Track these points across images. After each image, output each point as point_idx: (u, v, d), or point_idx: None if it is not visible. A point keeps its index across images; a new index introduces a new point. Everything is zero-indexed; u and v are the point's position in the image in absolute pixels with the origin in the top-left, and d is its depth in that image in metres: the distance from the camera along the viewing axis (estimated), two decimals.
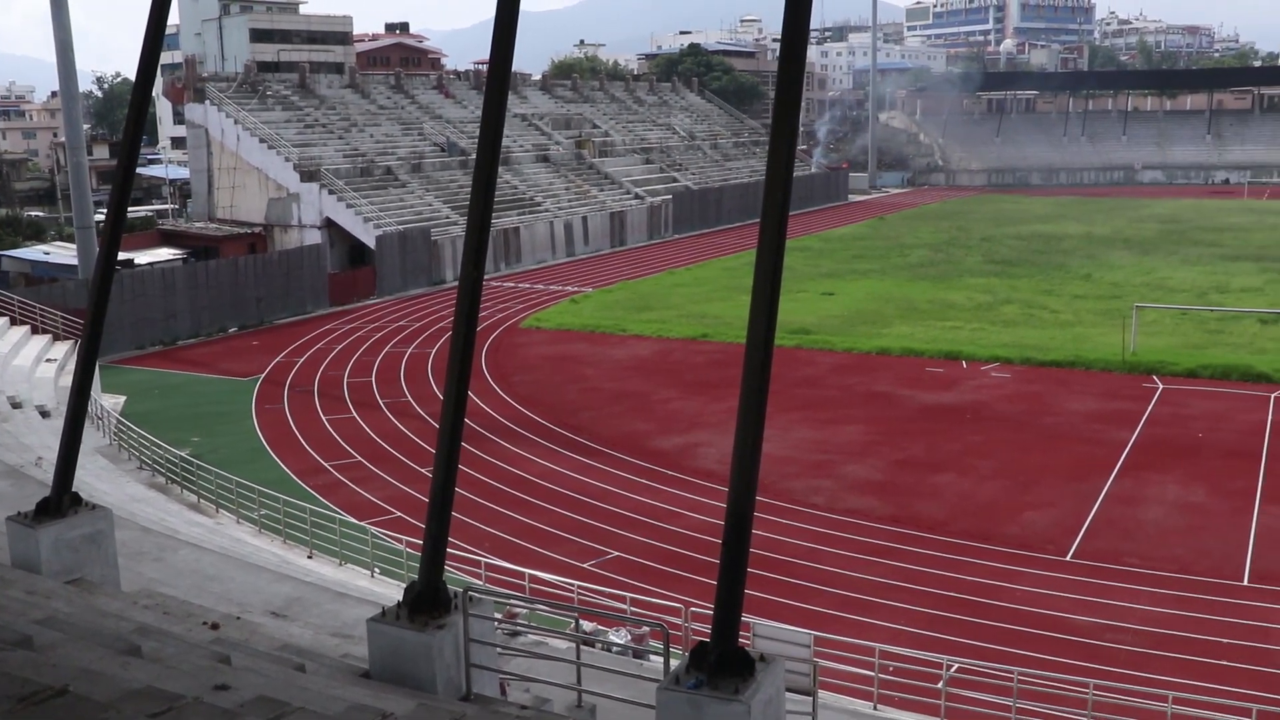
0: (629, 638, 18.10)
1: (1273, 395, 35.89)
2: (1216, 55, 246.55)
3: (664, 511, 26.39)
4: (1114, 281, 57.27)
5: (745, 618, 9.85)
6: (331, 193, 63.24)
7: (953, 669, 17.37)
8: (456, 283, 11.24)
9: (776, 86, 8.19)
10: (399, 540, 22.23)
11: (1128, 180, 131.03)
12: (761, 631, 14.03)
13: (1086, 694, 15.53)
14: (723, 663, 8.18)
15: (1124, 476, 28.48)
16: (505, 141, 79.27)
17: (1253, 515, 25.65)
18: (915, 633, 19.93)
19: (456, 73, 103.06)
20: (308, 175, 64.04)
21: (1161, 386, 37.23)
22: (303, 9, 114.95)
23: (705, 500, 26.75)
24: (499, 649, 10.77)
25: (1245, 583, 22.17)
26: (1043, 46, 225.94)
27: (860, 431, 32.82)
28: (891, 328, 46.53)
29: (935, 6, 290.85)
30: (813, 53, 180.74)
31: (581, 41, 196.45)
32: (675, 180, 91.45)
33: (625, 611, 19.38)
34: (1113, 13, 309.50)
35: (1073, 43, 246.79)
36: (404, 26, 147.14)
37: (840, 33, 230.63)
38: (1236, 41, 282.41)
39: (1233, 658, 19.12)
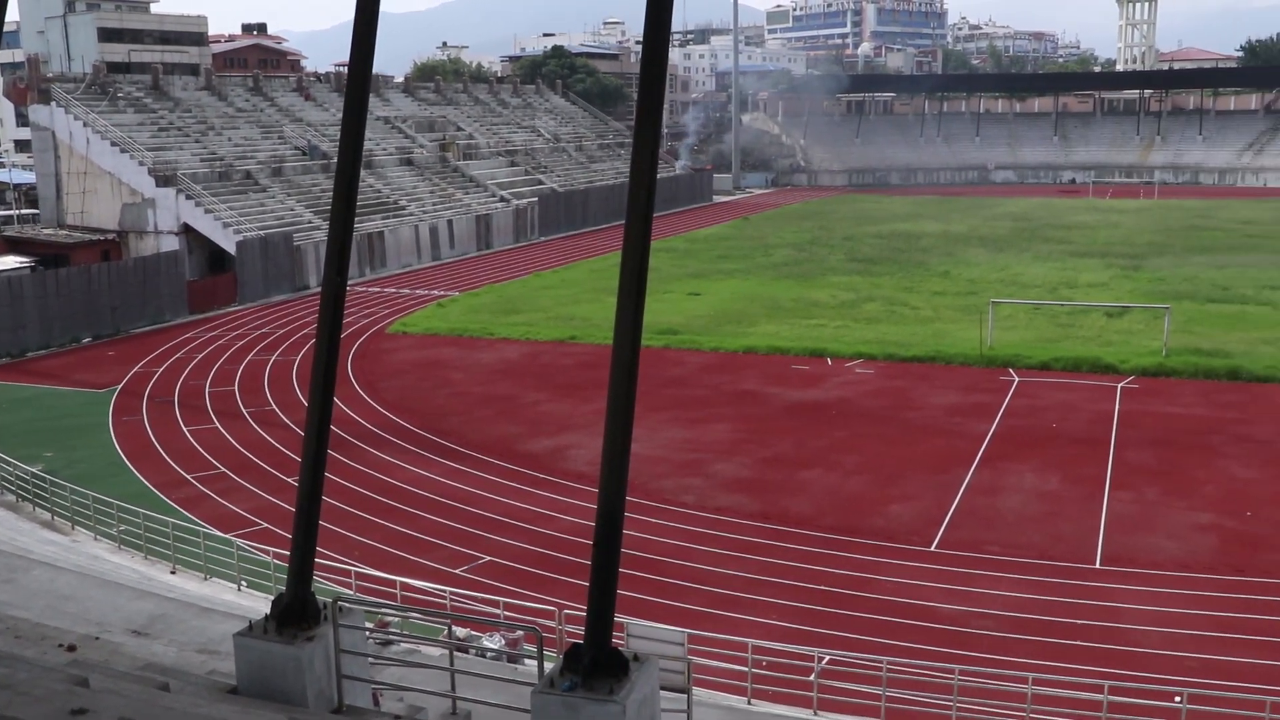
0: (503, 642, 18.00)
1: (1119, 385, 37.32)
2: (1060, 60, 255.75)
3: (535, 514, 26.32)
4: (971, 278, 58.94)
5: (619, 618, 9.88)
6: (189, 198, 61.52)
7: (824, 661, 17.68)
8: (320, 288, 11.05)
9: (639, 88, 8.24)
10: (266, 552, 21.76)
11: (981, 180, 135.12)
12: (635, 631, 14.09)
13: (952, 679, 15.96)
14: (597, 664, 8.19)
15: (984, 467, 29.33)
16: (368, 144, 78.20)
17: (1103, 501, 26.65)
18: (787, 626, 20.23)
19: (317, 75, 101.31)
20: (163, 180, 62.19)
21: (1017, 379, 38.44)
22: (154, 8, 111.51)
23: (576, 502, 26.75)
24: (371, 659, 10.62)
25: (1097, 565, 23.03)
26: (899, 50, 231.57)
27: (729, 430, 33.18)
28: (757, 326, 47.15)
29: (795, 10, 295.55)
30: (675, 55, 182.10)
31: (444, 44, 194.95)
32: (541, 183, 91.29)
33: (498, 616, 19.26)
34: (964, 18, 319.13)
35: (927, 46, 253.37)
36: (262, 27, 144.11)
37: (702, 35, 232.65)
38: (1078, 47, 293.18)
39: (1087, 637, 19.84)
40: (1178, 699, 15.46)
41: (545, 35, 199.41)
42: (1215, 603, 21.23)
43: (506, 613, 19.41)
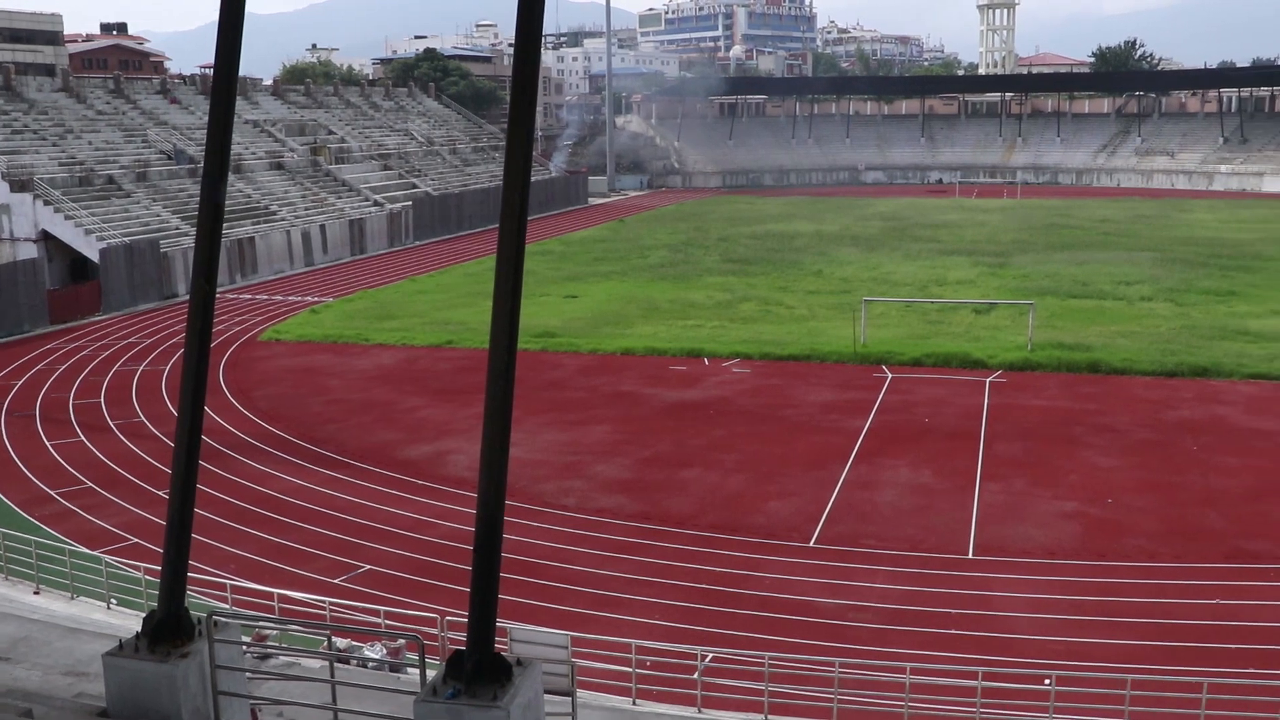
0: (384, 652, 17.80)
1: (988, 380, 38.38)
2: (926, 64, 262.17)
3: (415, 521, 26.06)
4: (844, 277, 60.00)
5: (501, 623, 9.85)
6: (47, 204, 59.41)
7: (707, 658, 17.84)
8: (189, 296, 10.82)
9: (511, 91, 8.24)
10: (136, 568, 21.14)
11: (852, 180, 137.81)
12: (518, 636, 14.05)
13: (833, 672, 16.23)
14: (480, 670, 8.17)
15: (859, 463, 29.89)
16: (236, 149, 76.59)
17: (974, 493, 27.37)
18: (670, 625, 20.36)
19: (182, 77, 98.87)
20: (18, 185, 59.93)
21: (890, 375, 39.26)
22: (3, 4, 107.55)
23: (457, 508, 26.55)
24: (248, 674, 10.42)
25: (970, 555, 23.65)
26: (769, 53, 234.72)
27: (608, 431, 33.26)
28: (635, 328, 47.35)
29: (667, 13, 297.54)
30: (548, 57, 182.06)
31: (314, 46, 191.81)
32: (415, 186, 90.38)
33: (380, 625, 19.04)
34: (833, 22, 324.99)
35: (797, 50, 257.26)
36: (122, 27, 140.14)
37: (575, 38, 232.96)
38: (942, 52, 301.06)
39: (961, 626, 20.37)
40: (1047, 681, 15.95)
41: (417, 38, 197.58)
42: (1080, 587, 21.96)
43: (388, 622, 19.19)
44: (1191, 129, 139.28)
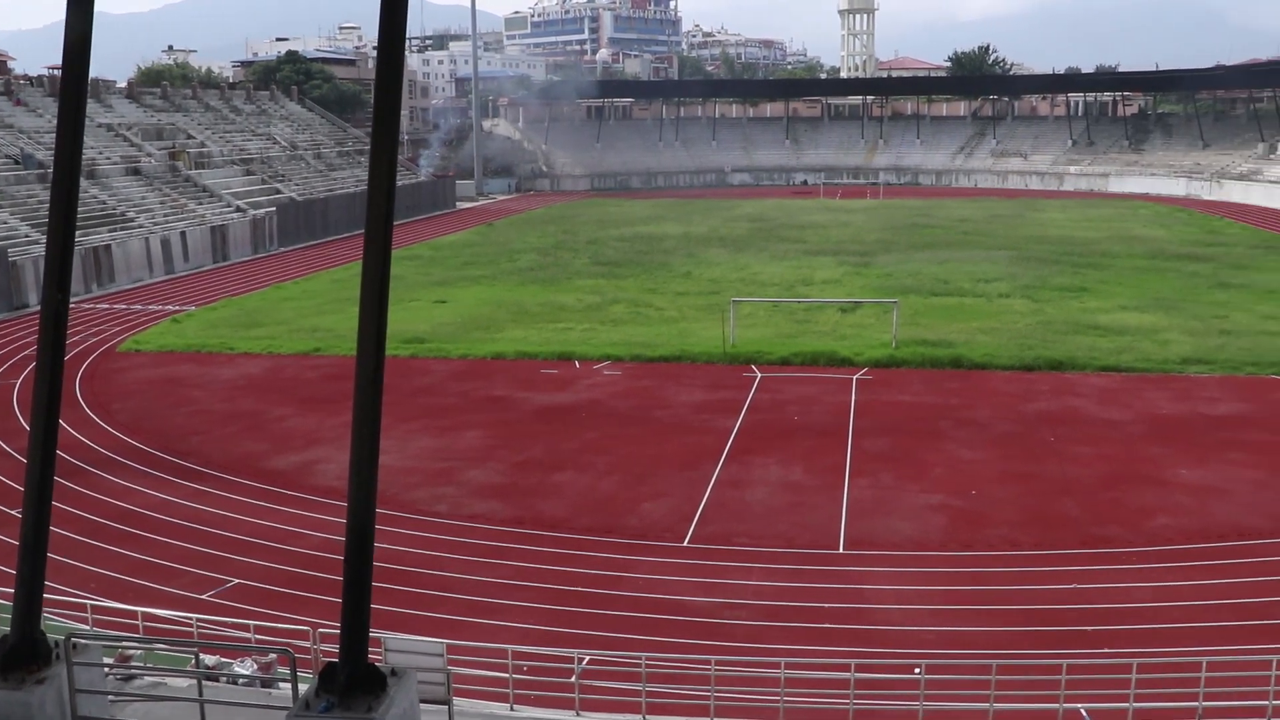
0: (255, 667, 17.39)
1: (854, 377, 39.14)
2: (789, 67, 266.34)
3: (285, 533, 25.53)
4: (712, 278, 60.58)
5: (375, 633, 9.72)
6: None
7: (584, 661, 17.86)
8: (40, 306, 10.42)
9: (375, 94, 8.13)
10: None
11: (719, 182, 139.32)
12: (392, 645, 13.89)
13: (709, 670, 16.36)
14: (353, 682, 8.05)
15: (731, 462, 30.20)
16: (90, 153, 74.12)
17: (843, 489, 27.88)
18: (546, 630, 20.30)
19: (28, 78, 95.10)
20: None
21: (760, 375, 39.77)
22: None
23: (327, 518, 26.09)
24: (111, 696, 10.09)
25: (840, 550, 24.08)
26: (635, 56, 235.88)
27: (480, 436, 33.04)
28: (505, 332, 47.13)
29: (533, 16, 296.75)
30: (414, 61, 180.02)
31: (170, 47, 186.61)
32: (279, 192, 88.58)
33: (249, 640, 18.60)
34: (697, 25, 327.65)
35: (663, 53, 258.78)
36: None
37: (441, 41, 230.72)
38: (805, 55, 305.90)
39: (834, 620, 20.73)
40: (917, 670, 16.32)
41: (278, 40, 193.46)
42: (947, 578, 22.54)
43: (258, 636, 18.75)
44: (1043, 132, 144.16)
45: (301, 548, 24.56)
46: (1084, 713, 16.34)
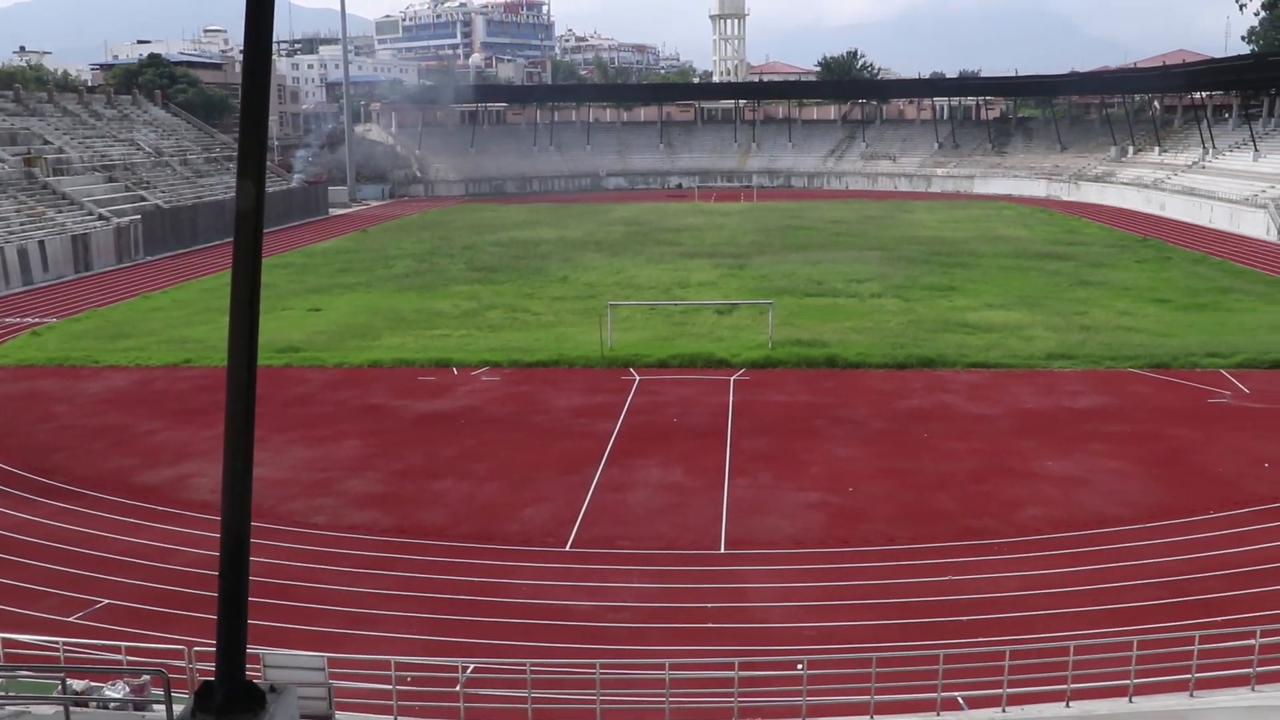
0: (127, 690, 16.87)
1: (732, 378, 39.55)
2: (662, 72, 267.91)
3: (157, 550, 24.81)
4: (589, 282, 60.65)
5: (253, 649, 9.53)
6: None
7: (469, 670, 17.72)
8: None
9: (242, 99, 7.96)
10: None
11: (594, 186, 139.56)
12: (271, 661, 13.63)
13: (594, 674, 16.37)
14: (231, 700, 7.87)
15: (611, 465, 30.26)
16: None
17: (723, 489, 28.15)
18: (429, 639, 20.11)
19: None
20: None
21: (638, 378, 39.93)
22: None
23: (201, 533, 25.44)
24: None
25: (722, 550, 24.31)
26: (509, 61, 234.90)
27: (358, 446, 32.57)
28: (381, 339, 46.54)
29: (405, 20, 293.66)
30: (283, 65, 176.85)
31: (22, 48, 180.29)
32: (144, 199, 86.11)
33: (121, 663, 18.04)
34: (570, 30, 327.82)
35: (536, 57, 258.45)
36: None
37: (311, 45, 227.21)
38: (678, 60, 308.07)
39: (717, 619, 20.92)
40: (799, 666, 16.54)
41: (140, 42, 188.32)
42: (827, 574, 22.92)
43: (130, 657, 18.19)
44: (910, 135, 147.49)
45: (175, 564, 23.91)
46: (961, 700, 16.75)
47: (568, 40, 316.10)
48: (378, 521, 26.41)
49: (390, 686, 16.54)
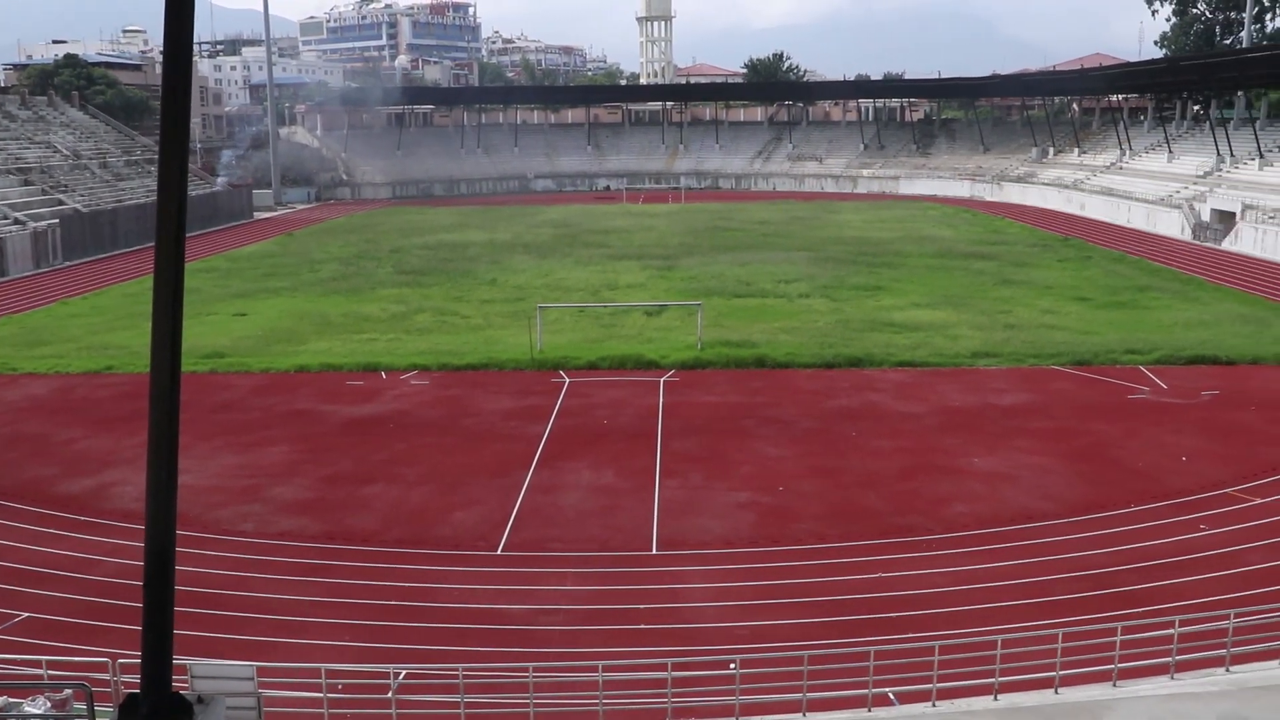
0: (48, 705, 16.52)
1: (661, 380, 39.66)
2: (590, 74, 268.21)
3: (79, 561, 24.32)
4: (518, 285, 60.50)
5: (180, 660, 9.38)
6: None
7: (401, 676, 17.58)
8: None
9: (162, 100, 7.83)
10: None
11: (523, 189, 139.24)
12: (199, 671, 13.43)
13: (527, 677, 16.33)
14: (157, 712, 7.72)
15: (542, 468, 30.20)
16: None
17: (654, 490, 28.21)
18: (361, 646, 19.92)
19: None
20: None
21: (568, 380, 39.89)
22: None
23: (126, 542, 24.98)
24: None
25: (654, 551, 24.36)
26: (435, 63, 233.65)
27: (286, 452, 32.19)
28: (308, 344, 46.04)
29: (329, 22, 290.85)
30: (205, 66, 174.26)
31: None
32: (62, 203, 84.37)
33: (42, 677, 17.67)
34: (497, 32, 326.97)
35: (463, 59, 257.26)
36: None
37: (233, 46, 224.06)
38: (605, 61, 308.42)
39: (649, 620, 20.95)
40: (732, 665, 16.63)
41: (55, 42, 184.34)
42: (758, 573, 23.05)
43: (51, 671, 17.82)
44: (836, 136, 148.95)
45: (98, 575, 23.46)
46: (892, 695, 16.94)
47: (494, 42, 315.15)
48: (306, 528, 26.12)
49: (321, 695, 16.37)
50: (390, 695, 16.64)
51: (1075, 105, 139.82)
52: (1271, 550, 23.82)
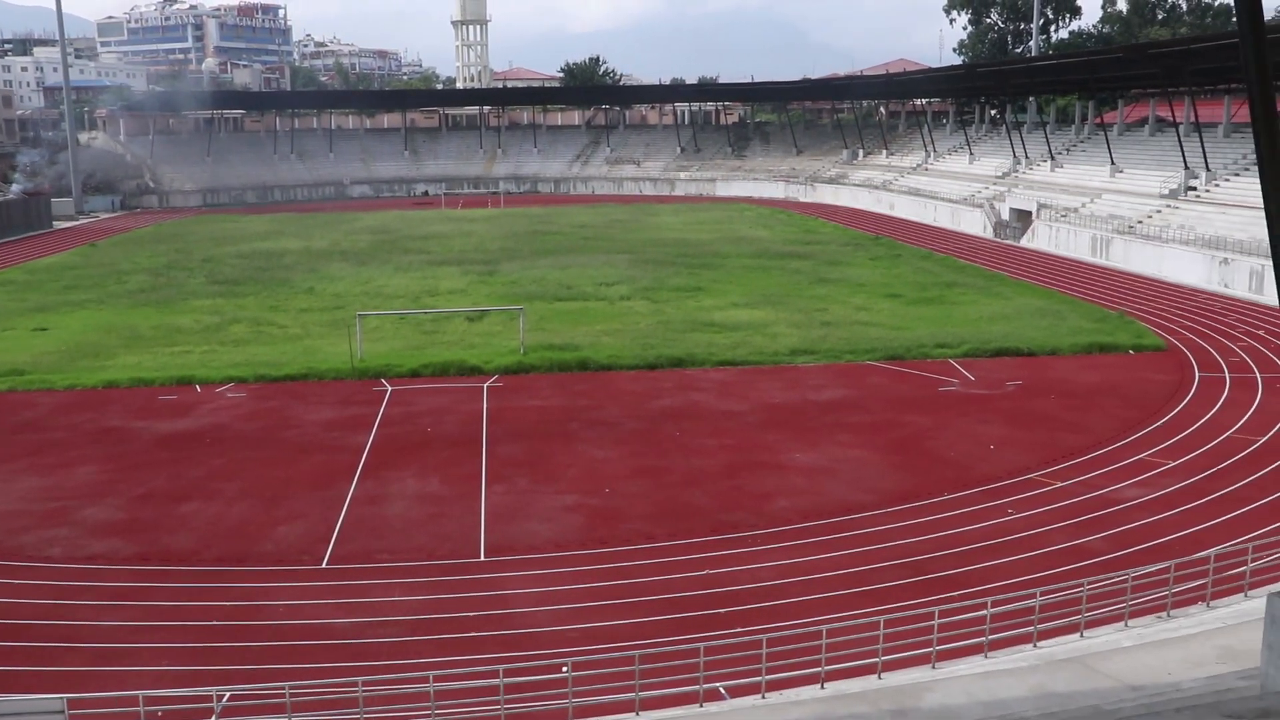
0: None
1: (485, 385, 39.49)
2: (405, 78, 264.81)
3: None
4: (336, 293, 59.39)
5: None
6: None
7: (225, 698, 17.11)
8: None
9: None
10: None
11: (339, 195, 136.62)
12: (4, 709, 12.85)
13: (356, 692, 16.08)
14: None
15: (366, 478, 29.74)
16: None
17: (481, 497, 28.09)
18: (183, 670, 19.28)
19: None
20: None
21: (390, 388, 39.36)
22: None
23: None
24: None
25: (482, 558, 24.26)
26: (245, 66, 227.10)
27: (95, 471, 30.89)
28: (117, 359, 44.25)
29: (130, 22, 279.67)
30: None
31: None
32: None
33: None
34: (309, 35, 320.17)
35: (274, 63, 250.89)
36: None
37: (24, 45, 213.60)
38: (420, 66, 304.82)
39: (480, 627, 20.87)
40: (564, 668, 16.70)
41: None
42: (588, 575, 23.18)
43: None
44: (654, 139, 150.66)
45: None
46: (723, 690, 17.26)
47: (307, 45, 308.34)
48: (119, 550, 25.12)
49: None
50: (214, 719, 16.17)
51: (882, 109, 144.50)
52: (1073, 530, 25.15)
